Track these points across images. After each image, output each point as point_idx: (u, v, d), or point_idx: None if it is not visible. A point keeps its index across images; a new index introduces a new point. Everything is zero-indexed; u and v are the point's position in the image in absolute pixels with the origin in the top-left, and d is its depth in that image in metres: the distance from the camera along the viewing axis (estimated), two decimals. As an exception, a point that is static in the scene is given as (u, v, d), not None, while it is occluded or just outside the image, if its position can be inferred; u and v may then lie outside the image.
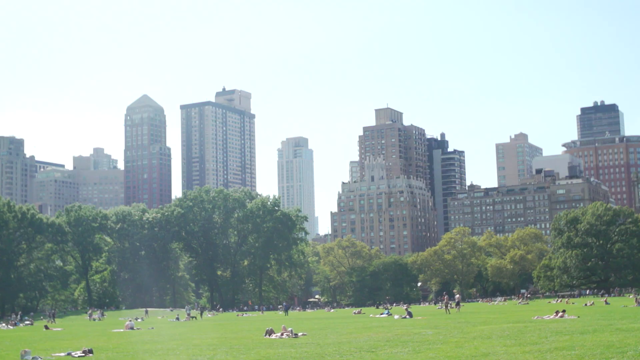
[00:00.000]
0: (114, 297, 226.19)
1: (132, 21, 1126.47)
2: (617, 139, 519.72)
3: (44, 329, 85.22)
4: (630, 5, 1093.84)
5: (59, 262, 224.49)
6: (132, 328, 78.90)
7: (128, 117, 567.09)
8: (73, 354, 42.95)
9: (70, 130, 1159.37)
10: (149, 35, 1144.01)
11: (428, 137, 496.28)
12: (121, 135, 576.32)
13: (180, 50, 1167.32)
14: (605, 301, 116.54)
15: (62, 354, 43.51)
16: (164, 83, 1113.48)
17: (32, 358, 41.36)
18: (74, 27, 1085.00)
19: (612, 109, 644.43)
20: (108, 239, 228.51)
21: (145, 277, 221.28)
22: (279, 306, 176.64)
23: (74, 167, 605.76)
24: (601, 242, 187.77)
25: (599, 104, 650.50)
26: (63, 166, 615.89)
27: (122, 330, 77.81)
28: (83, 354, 42.74)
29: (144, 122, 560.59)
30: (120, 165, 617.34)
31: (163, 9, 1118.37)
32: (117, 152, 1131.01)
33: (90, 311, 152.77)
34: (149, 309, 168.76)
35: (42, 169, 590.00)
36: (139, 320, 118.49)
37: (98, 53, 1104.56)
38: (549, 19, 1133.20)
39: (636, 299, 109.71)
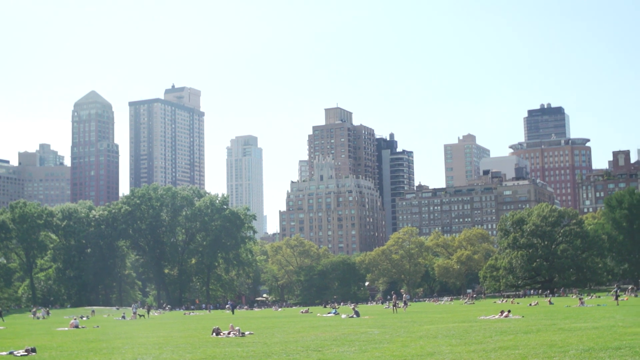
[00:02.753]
0: (59, 295, 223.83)
1: (80, 16, 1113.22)
2: (562, 141, 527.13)
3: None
4: (576, 10, 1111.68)
5: (2, 260, 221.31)
6: (77, 326, 77.92)
7: (75, 113, 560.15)
8: (15, 353, 42.26)
9: (16, 125, 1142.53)
10: (98, 31, 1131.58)
11: (377, 137, 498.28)
12: (68, 132, 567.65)
13: (129, 47, 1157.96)
14: (549, 301, 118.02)
15: (4, 353, 42.79)
16: (112, 79, 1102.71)
17: (-27, 357, 40.66)
18: (20, 21, 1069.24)
19: (558, 112, 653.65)
20: (53, 236, 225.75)
21: (91, 275, 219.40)
22: (227, 305, 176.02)
23: (19, 163, 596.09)
24: (546, 243, 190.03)
25: (545, 106, 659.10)
26: (8, 162, 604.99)
27: (66, 328, 76.82)
28: (26, 353, 42.07)
29: (91, 118, 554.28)
30: (67, 162, 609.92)
31: (112, 4, 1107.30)
32: (63, 148, 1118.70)
33: (34, 309, 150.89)
34: (94, 307, 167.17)
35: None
36: (85, 318, 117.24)
37: (45, 47, 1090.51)
38: (497, 22, 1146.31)
39: (579, 299, 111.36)
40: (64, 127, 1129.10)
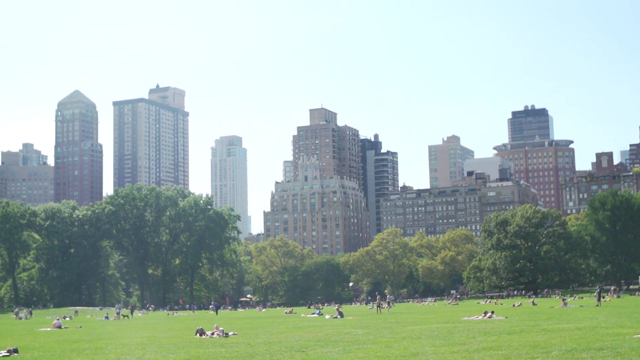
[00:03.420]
0: (42, 295, 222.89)
1: (65, 15, 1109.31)
2: (546, 143, 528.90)
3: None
4: (561, 13, 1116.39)
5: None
6: (59, 327, 77.50)
7: (59, 113, 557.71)
8: (-3, 353, 42.02)
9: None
10: (82, 30, 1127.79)
11: (362, 137, 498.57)
12: (52, 131, 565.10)
13: (114, 46, 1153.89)
14: (533, 302, 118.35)
15: (-13, 353, 42.53)
16: (96, 79, 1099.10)
17: (-45, 357, 40.37)
18: (3, 20, 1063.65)
19: (542, 113, 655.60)
20: (36, 236, 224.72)
21: (75, 275, 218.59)
22: (210, 306, 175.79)
23: (2, 163, 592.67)
24: (529, 244, 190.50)
25: (529, 108, 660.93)
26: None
27: (49, 329, 76.44)
28: (8, 354, 41.80)
29: (75, 117, 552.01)
30: (50, 162, 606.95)
31: (96, 4, 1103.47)
32: (47, 148, 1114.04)
33: (16, 310, 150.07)
34: (78, 307, 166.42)
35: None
36: (68, 319, 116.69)
37: (29, 47, 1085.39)
38: (482, 25, 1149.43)
39: (562, 300, 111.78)
40: (48, 127, 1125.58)
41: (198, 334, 53.09)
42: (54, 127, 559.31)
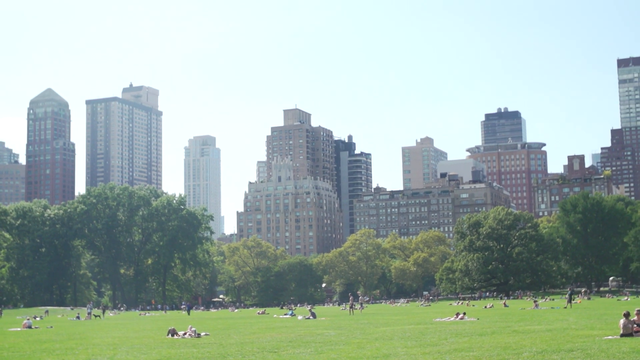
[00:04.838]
0: (12, 295, 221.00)
1: (37, 12, 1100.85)
2: (519, 145, 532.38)
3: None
4: (534, 16, 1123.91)
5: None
6: (30, 327, 76.85)
7: (31, 111, 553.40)
8: (-33, 353, 41.61)
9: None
10: (55, 27, 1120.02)
11: (336, 138, 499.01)
12: (23, 129, 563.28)
13: (87, 44, 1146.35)
14: (504, 304, 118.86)
15: (-45, 353, 42.14)
16: (69, 77, 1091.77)
17: None
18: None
19: (515, 116, 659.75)
20: (7, 235, 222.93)
21: (46, 274, 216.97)
22: (182, 306, 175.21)
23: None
24: (502, 245, 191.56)
25: (502, 110, 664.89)
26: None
27: (19, 329, 75.80)
28: (-23, 353, 41.47)
29: (47, 116, 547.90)
30: (22, 160, 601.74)
31: (69, 2, 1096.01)
32: (18, 146, 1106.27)
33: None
34: (48, 307, 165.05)
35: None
36: (38, 319, 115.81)
37: (0, 44, 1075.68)
38: (456, 27, 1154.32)
39: (534, 301, 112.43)
40: (19, 125, 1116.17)
41: (170, 335, 52.87)
42: (25, 125, 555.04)
